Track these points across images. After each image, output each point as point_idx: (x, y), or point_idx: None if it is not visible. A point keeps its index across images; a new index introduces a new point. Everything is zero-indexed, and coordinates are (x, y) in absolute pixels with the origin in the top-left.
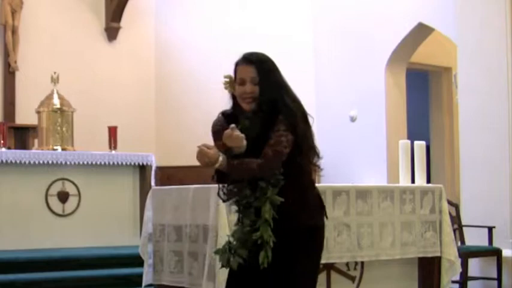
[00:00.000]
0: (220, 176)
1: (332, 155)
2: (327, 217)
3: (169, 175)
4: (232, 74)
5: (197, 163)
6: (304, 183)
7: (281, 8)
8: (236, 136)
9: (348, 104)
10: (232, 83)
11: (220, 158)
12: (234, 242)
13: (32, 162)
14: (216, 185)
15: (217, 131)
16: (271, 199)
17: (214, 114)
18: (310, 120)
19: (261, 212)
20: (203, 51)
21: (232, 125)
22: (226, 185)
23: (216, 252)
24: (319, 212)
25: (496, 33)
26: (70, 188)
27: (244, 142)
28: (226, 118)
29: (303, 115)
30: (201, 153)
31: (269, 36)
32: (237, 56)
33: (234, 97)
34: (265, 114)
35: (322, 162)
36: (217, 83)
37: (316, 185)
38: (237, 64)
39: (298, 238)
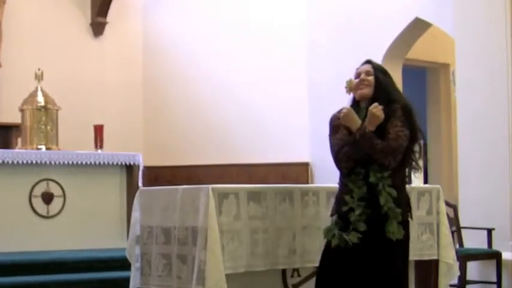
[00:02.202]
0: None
1: (326, 154)
2: (411, 215)
3: (157, 175)
4: None
5: (186, 163)
6: (402, 179)
7: (274, 3)
8: (381, 113)
9: (342, 102)
10: (352, 86)
11: (360, 123)
12: (352, 218)
13: (15, 162)
14: (205, 186)
15: (337, 125)
16: (388, 182)
17: (203, 112)
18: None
19: (380, 188)
20: (192, 47)
21: (376, 103)
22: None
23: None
24: (409, 207)
25: (496, 27)
26: (55, 189)
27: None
28: None
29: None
30: (350, 115)
31: (262, 32)
32: (229, 52)
33: (353, 99)
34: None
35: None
36: (208, 80)
37: (311, 185)
38: (357, 69)
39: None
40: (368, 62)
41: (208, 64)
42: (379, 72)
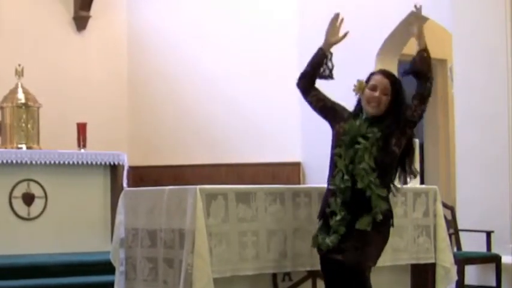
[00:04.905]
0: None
1: (319, 154)
2: (393, 224)
3: (143, 175)
4: None
5: (173, 163)
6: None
7: None
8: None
9: (335, 99)
10: (361, 88)
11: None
12: (332, 222)
13: None
14: (193, 186)
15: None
16: (376, 182)
17: (191, 110)
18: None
19: (369, 194)
20: (180, 42)
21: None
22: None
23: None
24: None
25: (495, 21)
26: (36, 190)
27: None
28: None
29: None
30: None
31: (252, 28)
32: (218, 48)
33: (358, 102)
34: (387, 124)
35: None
36: (196, 76)
37: (303, 186)
38: (372, 74)
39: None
40: (386, 75)
41: (197, 60)
42: (396, 91)
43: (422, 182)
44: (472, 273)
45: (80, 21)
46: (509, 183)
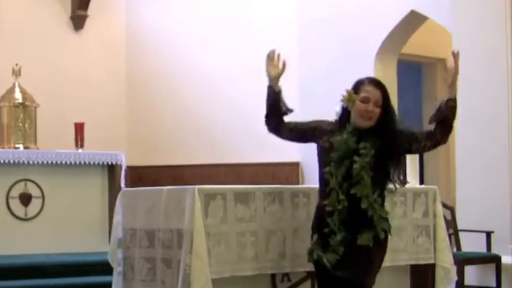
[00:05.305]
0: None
1: (316, 154)
2: (390, 233)
3: (142, 175)
4: None
5: (171, 163)
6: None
7: None
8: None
9: (334, 99)
10: (352, 100)
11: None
12: (332, 242)
13: None
14: (191, 186)
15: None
16: (379, 202)
17: (190, 110)
18: None
19: (371, 213)
20: (179, 42)
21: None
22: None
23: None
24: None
25: (495, 21)
26: (33, 190)
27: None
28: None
29: None
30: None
31: (252, 26)
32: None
33: (344, 111)
34: (379, 137)
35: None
36: (196, 76)
37: (302, 186)
38: (361, 83)
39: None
40: (377, 84)
41: (195, 59)
42: (387, 102)
43: (422, 182)
44: (471, 273)
45: (78, 21)
46: (509, 183)
